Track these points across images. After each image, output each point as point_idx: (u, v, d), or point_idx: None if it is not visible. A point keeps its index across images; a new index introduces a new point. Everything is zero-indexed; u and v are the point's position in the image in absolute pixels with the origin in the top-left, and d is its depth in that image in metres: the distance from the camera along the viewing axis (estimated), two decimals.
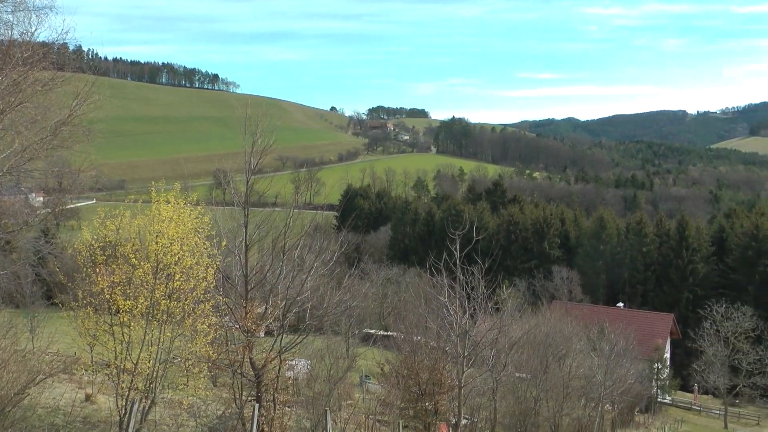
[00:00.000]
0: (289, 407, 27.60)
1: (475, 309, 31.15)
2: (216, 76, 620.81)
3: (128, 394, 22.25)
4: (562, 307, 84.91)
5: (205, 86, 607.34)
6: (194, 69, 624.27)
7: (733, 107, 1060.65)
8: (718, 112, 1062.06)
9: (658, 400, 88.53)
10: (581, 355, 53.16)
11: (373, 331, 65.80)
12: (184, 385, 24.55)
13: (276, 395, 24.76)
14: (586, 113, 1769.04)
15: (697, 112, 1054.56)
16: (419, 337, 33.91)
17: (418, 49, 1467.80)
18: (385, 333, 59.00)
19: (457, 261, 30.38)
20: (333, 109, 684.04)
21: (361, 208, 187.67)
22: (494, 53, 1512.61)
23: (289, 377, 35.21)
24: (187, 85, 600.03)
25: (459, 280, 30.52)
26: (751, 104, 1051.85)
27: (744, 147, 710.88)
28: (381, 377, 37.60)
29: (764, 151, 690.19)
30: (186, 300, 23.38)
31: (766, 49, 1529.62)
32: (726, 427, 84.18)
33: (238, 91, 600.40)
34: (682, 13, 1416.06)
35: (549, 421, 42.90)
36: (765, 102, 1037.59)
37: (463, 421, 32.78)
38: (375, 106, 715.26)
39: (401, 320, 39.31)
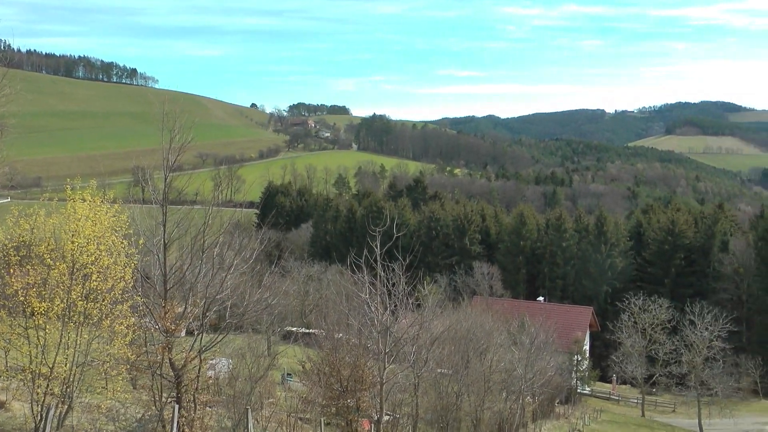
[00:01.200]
0: (209, 407, 27.31)
1: (396, 305, 31.23)
2: (134, 71, 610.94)
3: (44, 400, 21.68)
4: (483, 302, 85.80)
5: (123, 81, 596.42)
6: (112, 63, 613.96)
7: (650, 107, 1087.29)
8: (635, 111, 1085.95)
9: (578, 391, 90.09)
10: (502, 349, 53.64)
11: (294, 328, 65.40)
12: (103, 388, 24.08)
13: (196, 395, 24.45)
14: (506, 111, 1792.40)
15: (615, 111, 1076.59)
16: (341, 335, 33.87)
17: (338, 46, 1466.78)
18: (307, 330, 58.72)
19: (378, 258, 30.42)
20: (253, 105, 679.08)
21: (282, 206, 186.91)
22: (415, 51, 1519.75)
23: (210, 377, 34.83)
24: (105, 79, 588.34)
25: (380, 276, 30.57)
26: (667, 104, 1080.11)
27: (660, 145, 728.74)
28: (303, 375, 37.47)
29: (680, 149, 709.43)
30: (103, 301, 22.89)
31: (681, 51, 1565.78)
32: (643, 415, 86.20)
33: (157, 86, 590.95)
34: (600, 15, 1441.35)
35: (470, 415, 43.21)
36: (680, 102, 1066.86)
37: (385, 418, 32.85)
38: (296, 102, 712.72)
39: (323, 318, 39.29)
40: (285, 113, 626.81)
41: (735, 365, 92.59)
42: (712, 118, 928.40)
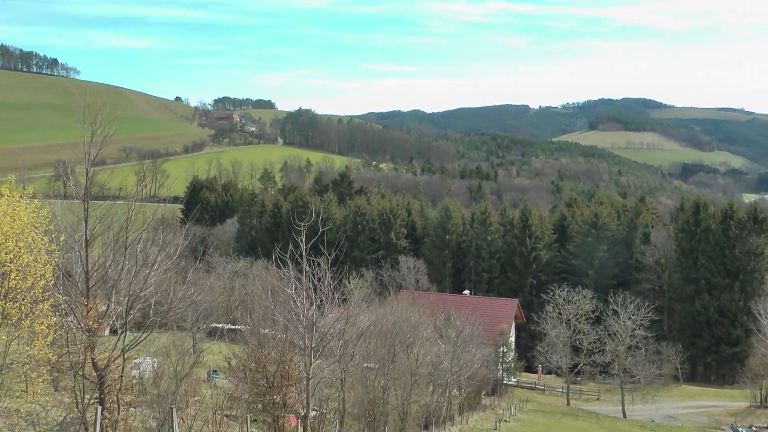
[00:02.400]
0: (133, 408, 26.89)
1: (322, 300, 31.14)
2: (55, 61, 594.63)
3: None
4: (409, 296, 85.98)
5: (44, 71, 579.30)
6: (31, 52, 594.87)
7: (574, 103, 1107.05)
8: (559, 107, 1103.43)
9: (504, 382, 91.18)
10: (428, 342, 53.87)
11: (220, 325, 64.84)
12: (22, 391, 23.47)
13: (120, 396, 24.00)
14: (432, 106, 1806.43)
15: (540, 106, 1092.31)
16: (267, 330, 33.65)
17: (264, 40, 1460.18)
18: (233, 327, 58.18)
19: (304, 253, 30.29)
20: (178, 99, 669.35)
21: (207, 201, 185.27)
22: (341, 45, 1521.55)
23: (134, 376, 34.34)
24: (24, 69, 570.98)
25: (305, 271, 30.45)
26: (590, 100, 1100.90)
27: (584, 140, 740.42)
28: (228, 372, 37.12)
29: (602, 144, 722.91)
30: (23, 300, 22.36)
31: (603, 49, 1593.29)
32: (569, 403, 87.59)
33: (79, 77, 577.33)
34: (525, 13, 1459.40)
35: (397, 409, 43.32)
36: (603, 99, 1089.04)
37: (312, 413, 32.74)
38: (221, 96, 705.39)
39: (249, 313, 38.85)
40: (210, 107, 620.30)
41: (657, 352, 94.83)
42: (634, 114, 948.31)
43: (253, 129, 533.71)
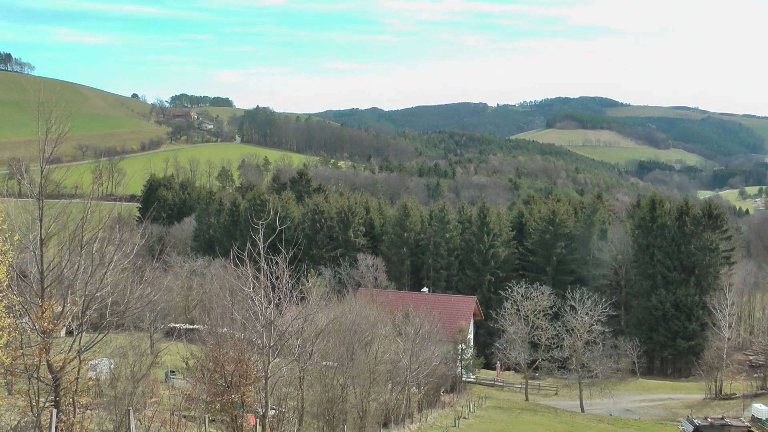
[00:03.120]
0: (90, 410, 26.53)
1: (280, 299, 31.03)
2: (9, 56, 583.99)
3: None
4: (367, 294, 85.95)
5: None
6: None
7: (531, 101, 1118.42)
8: (516, 105, 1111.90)
9: (463, 379, 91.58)
10: (387, 340, 53.92)
11: (178, 325, 64.43)
12: None
13: (76, 398, 23.70)
14: (390, 104, 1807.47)
15: (498, 104, 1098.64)
16: (225, 329, 33.46)
17: (221, 37, 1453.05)
18: (191, 326, 57.90)
19: (262, 251, 30.17)
20: (135, 96, 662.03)
21: (165, 199, 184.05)
22: (300, 43, 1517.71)
23: (90, 378, 33.92)
24: None
25: (263, 270, 30.33)
26: (548, 99, 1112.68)
27: (541, 138, 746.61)
28: (186, 372, 36.87)
29: (560, 142, 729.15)
30: None
31: (561, 48, 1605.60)
32: (527, 399, 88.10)
33: (34, 73, 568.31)
34: (483, 11, 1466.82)
35: (356, 407, 43.31)
36: (560, 97, 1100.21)
37: (271, 412, 32.64)
38: (178, 93, 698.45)
39: (207, 313, 38.55)
40: (167, 104, 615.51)
41: (614, 347, 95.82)
42: (590, 112, 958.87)
43: (211, 127, 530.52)
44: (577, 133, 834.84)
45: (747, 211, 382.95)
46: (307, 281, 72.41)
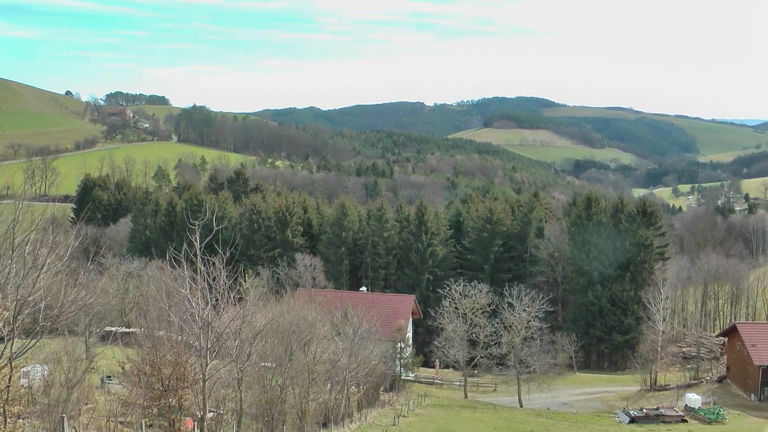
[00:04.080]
0: (22, 419, 26.00)
1: (217, 300, 30.78)
2: None
3: None
4: (306, 294, 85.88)
5: None
6: None
7: (468, 101, 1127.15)
8: (454, 104, 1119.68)
9: (402, 377, 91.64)
10: (326, 340, 53.81)
11: (113, 328, 63.39)
12: None
13: (7, 407, 23.16)
14: (327, 103, 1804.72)
15: (435, 104, 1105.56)
16: (162, 332, 33.05)
17: (157, 34, 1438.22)
18: (127, 330, 57.06)
19: (198, 252, 29.87)
20: (69, 93, 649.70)
21: (100, 200, 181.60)
22: (236, 41, 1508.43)
23: (23, 385, 33.22)
24: None
25: (200, 271, 30.04)
26: (485, 98, 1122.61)
27: (478, 137, 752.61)
28: (123, 376, 36.26)
29: (497, 141, 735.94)
30: None
31: (498, 48, 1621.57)
32: (466, 396, 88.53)
33: None
34: (421, 11, 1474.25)
35: (296, 407, 43.14)
36: (497, 97, 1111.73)
37: (209, 415, 32.33)
38: (113, 91, 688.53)
39: (143, 315, 38.07)
40: (102, 102, 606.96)
41: (551, 343, 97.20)
42: (527, 112, 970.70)
43: (147, 125, 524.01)
44: (514, 133, 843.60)
45: (680, 209, 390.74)
46: (245, 282, 71.93)
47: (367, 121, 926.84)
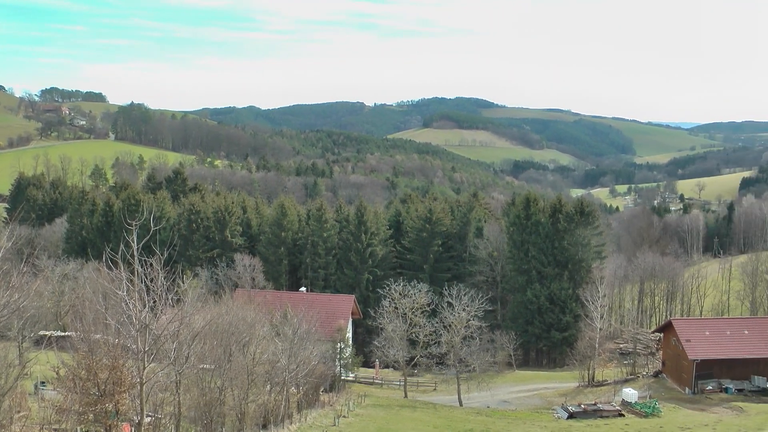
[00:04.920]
0: None
1: (155, 301, 30.40)
2: None
3: None
4: (245, 295, 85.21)
5: None
6: None
7: (408, 101, 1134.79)
8: (394, 104, 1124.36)
9: (342, 378, 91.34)
10: (265, 341, 53.63)
11: (48, 332, 62.31)
12: None
13: None
14: (267, 102, 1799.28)
15: (375, 104, 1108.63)
16: (98, 335, 32.51)
17: (94, 29, 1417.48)
18: (63, 333, 56.18)
19: (135, 253, 29.46)
20: (1, 88, 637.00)
21: (34, 199, 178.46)
22: (175, 39, 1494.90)
23: None
24: None
25: (137, 272, 29.63)
26: (424, 99, 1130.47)
27: (418, 137, 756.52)
28: (57, 382, 35.67)
29: (437, 141, 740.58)
30: None
31: (436, 48, 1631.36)
32: (406, 396, 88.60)
33: None
34: (362, 11, 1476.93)
35: (235, 409, 42.87)
36: (437, 97, 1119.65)
37: (147, 419, 31.93)
38: (49, 87, 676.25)
39: (79, 319, 37.40)
40: (37, 98, 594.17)
41: (491, 341, 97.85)
42: (467, 113, 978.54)
43: (83, 123, 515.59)
44: (454, 133, 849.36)
45: (617, 208, 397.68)
46: (183, 283, 71.20)
47: (307, 121, 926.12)
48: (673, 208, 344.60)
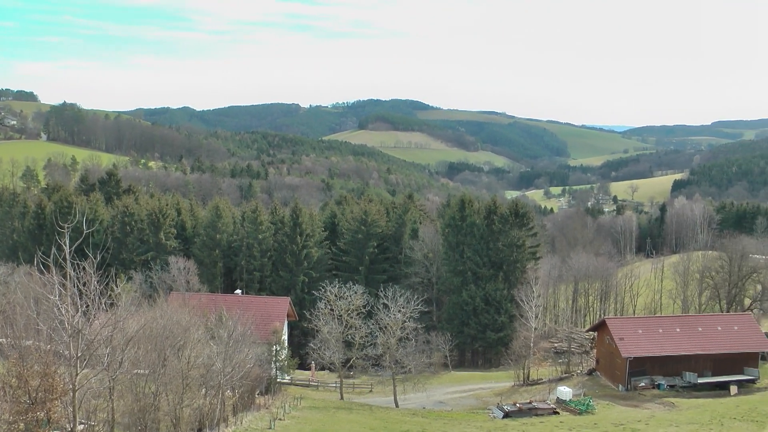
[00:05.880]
0: None
1: (88, 306, 30.08)
2: None
3: None
4: (180, 298, 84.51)
5: None
6: None
7: (344, 102, 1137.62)
8: (329, 106, 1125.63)
9: (278, 380, 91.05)
10: (200, 344, 53.28)
11: None
12: None
13: None
14: (202, 103, 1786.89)
15: (310, 105, 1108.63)
16: (30, 342, 32.05)
17: (25, 26, 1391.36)
18: None
19: (68, 256, 29.13)
20: None
21: None
22: (109, 37, 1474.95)
23: None
24: None
25: (70, 276, 29.30)
26: (360, 100, 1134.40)
27: (354, 139, 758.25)
28: None
29: (372, 143, 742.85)
30: None
31: (373, 50, 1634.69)
32: (342, 398, 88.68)
33: None
34: (297, 13, 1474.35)
35: (170, 414, 42.56)
36: (372, 99, 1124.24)
37: (80, 427, 31.59)
38: None
39: (9, 324, 36.79)
40: None
41: (427, 342, 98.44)
42: (402, 114, 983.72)
43: (14, 122, 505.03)
44: (389, 135, 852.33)
45: (551, 210, 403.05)
46: (117, 287, 70.53)
47: (242, 122, 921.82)
48: (606, 210, 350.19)
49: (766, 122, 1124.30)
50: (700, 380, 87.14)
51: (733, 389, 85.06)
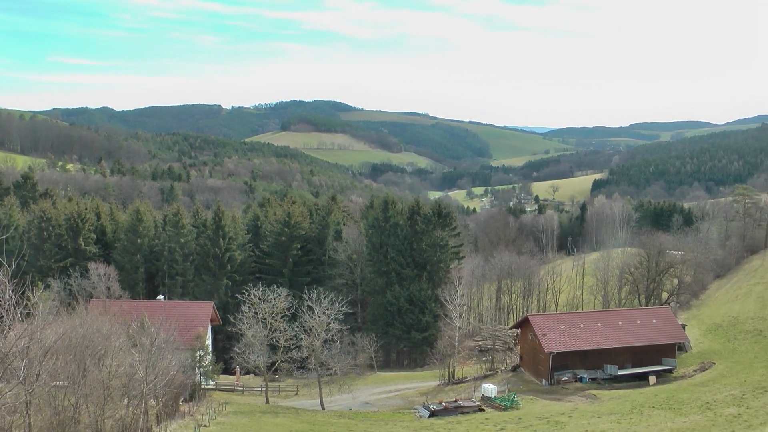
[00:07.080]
0: None
1: (2, 317, 29.15)
2: None
3: None
4: (100, 306, 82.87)
5: None
6: None
7: (266, 104, 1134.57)
8: (251, 107, 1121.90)
9: (203, 386, 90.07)
10: (122, 352, 52.23)
11: None
12: None
13: None
14: (122, 103, 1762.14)
15: (232, 107, 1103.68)
16: None
17: None
18: None
19: None
20: None
21: None
22: (23, 33, 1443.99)
23: None
24: None
25: None
26: (282, 102, 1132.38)
27: (276, 141, 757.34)
28: None
29: (295, 144, 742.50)
30: None
31: (295, 52, 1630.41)
32: (268, 401, 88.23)
33: None
34: (216, 12, 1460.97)
35: (90, 427, 41.62)
36: (295, 100, 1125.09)
37: None
38: None
39: None
40: None
41: (352, 344, 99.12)
42: (325, 116, 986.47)
43: None
44: (312, 136, 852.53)
45: (474, 210, 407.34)
46: (34, 295, 68.84)
47: (163, 123, 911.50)
48: (528, 209, 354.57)
49: (681, 124, 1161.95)
50: (621, 372, 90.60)
51: (652, 379, 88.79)
